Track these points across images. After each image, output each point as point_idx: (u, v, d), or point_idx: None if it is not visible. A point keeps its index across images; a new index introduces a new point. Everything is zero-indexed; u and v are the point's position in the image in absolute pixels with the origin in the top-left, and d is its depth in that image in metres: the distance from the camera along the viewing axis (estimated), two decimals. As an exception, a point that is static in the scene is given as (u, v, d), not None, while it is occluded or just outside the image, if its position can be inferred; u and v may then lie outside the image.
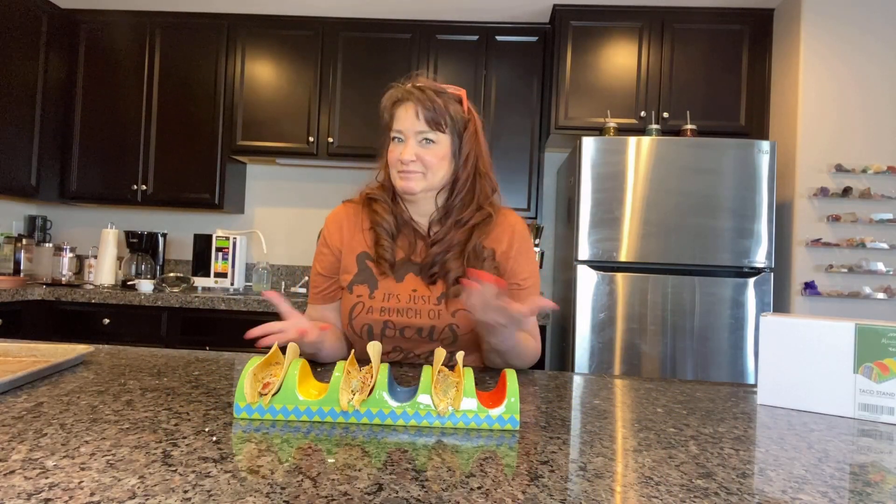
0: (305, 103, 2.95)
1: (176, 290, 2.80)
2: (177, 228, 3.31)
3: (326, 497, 0.45)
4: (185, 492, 0.44)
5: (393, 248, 1.07)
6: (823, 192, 2.39)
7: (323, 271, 1.13)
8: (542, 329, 2.51)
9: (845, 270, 2.36)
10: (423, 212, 1.09)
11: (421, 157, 1.01)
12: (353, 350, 0.81)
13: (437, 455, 0.56)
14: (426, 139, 1.02)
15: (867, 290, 2.35)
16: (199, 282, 2.94)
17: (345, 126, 2.94)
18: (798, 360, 0.81)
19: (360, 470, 0.51)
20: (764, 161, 2.33)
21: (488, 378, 0.95)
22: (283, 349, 0.77)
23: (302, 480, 0.48)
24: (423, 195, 1.05)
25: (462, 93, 1.07)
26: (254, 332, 0.83)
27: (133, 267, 2.96)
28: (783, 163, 2.55)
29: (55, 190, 3.01)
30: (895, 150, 2.41)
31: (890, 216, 2.36)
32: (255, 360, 0.68)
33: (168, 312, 2.60)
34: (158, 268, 3.10)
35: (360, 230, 1.11)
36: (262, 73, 2.98)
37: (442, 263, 1.04)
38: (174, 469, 0.49)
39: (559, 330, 2.79)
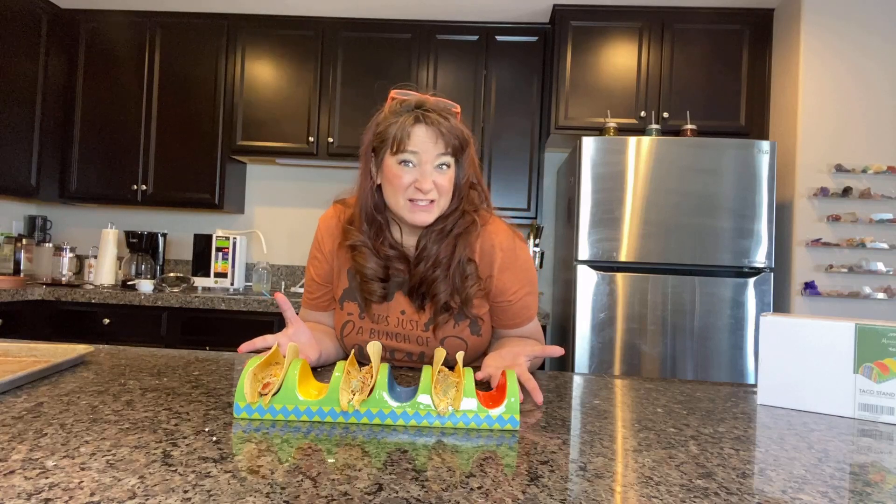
0: (305, 103, 2.95)
1: (176, 290, 2.80)
2: (177, 228, 3.31)
3: (326, 497, 0.45)
4: (185, 492, 0.44)
5: (383, 288, 1.01)
6: (823, 192, 2.39)
7: (317, 278, 1.09)
8: (542, 329, 2.51)
9: (845, 270, 2.36)
10: (415, 232, 1.01)
11: (438, 185, 0.94)
12: (353, 350, 0.81)
13: (437, 455, 0.56)
14: (443, 164, 0.95)
15: (867, 290, 2.35)
16: (199, 282, 2.94)
17: (345, 126, 2.94)
18: (798, 360, 0.80)
19: (360, 470, 0.51)
20: (764, 161, 2.33)
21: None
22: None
23: (302, 480, 0.48)
24: None
25: (458, 108, 1.00)
26: (244, 349, 0.82)
27: (133, 267, 2.96)
28: (783, 163, 2.55)
29: (55, 190, 3.01)
30: (895, 150, 2.41)
31: (890, 216, 2.36)
32: (255, 360, 0.68)
33: (168, 312, 2.60)
34: (158, 268, 3.10)
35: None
36: (262, 73, 2.98)
37: (429, 284, 0.98)
38: (174, 469, 0.49)
39: (559, 330, 2.79)
